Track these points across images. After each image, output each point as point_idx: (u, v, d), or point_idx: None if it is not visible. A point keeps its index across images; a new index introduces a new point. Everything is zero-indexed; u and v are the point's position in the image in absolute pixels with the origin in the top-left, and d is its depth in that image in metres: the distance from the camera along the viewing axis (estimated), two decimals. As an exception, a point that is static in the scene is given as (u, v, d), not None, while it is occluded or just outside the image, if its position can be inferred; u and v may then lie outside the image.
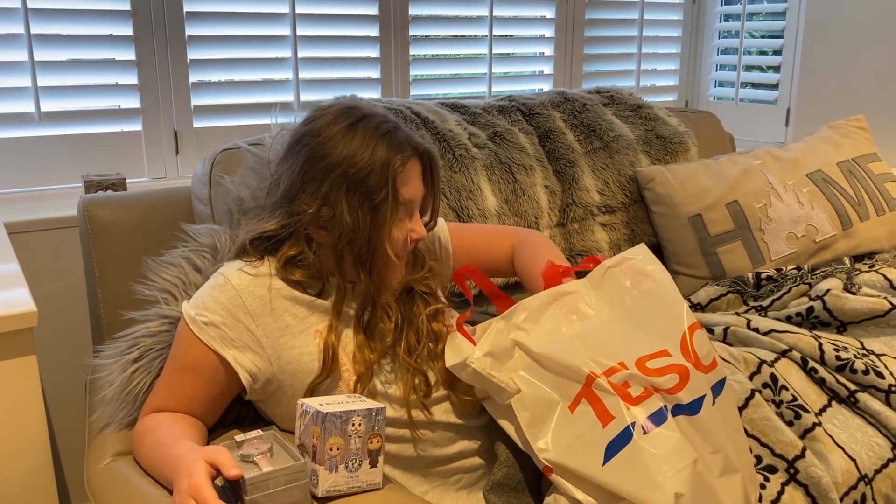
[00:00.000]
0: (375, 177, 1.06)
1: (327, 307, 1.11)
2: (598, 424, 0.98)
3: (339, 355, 1.09)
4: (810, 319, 1.51)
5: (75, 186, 1.74)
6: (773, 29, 2.61)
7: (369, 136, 1.08)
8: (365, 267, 1.09)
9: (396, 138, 1.09)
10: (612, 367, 1.02)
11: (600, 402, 1.00)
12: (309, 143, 1.09)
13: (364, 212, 1.07)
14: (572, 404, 1.01)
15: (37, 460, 1.12)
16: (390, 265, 1.09)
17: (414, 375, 1.11)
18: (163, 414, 1.08)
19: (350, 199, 1.06)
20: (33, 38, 1.66)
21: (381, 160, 1.07)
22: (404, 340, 1.13)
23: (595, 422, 0.99)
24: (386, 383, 1.10)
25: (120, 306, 1.27)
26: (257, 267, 1.10)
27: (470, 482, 1.13)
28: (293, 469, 0.90)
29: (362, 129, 1.09)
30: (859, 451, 1.25)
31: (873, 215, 1.88)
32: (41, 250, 1.61)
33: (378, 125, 1.10)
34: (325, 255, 1.10)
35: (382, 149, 1.07)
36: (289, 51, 1.96)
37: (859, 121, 2.08)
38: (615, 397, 0.99)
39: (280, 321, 1.08)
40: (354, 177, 1.06)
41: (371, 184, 1.06)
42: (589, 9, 2.50)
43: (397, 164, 1.07)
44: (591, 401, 1.00)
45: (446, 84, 2.30)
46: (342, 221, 1.06)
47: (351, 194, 1.07)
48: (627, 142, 1.86)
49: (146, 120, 1.83)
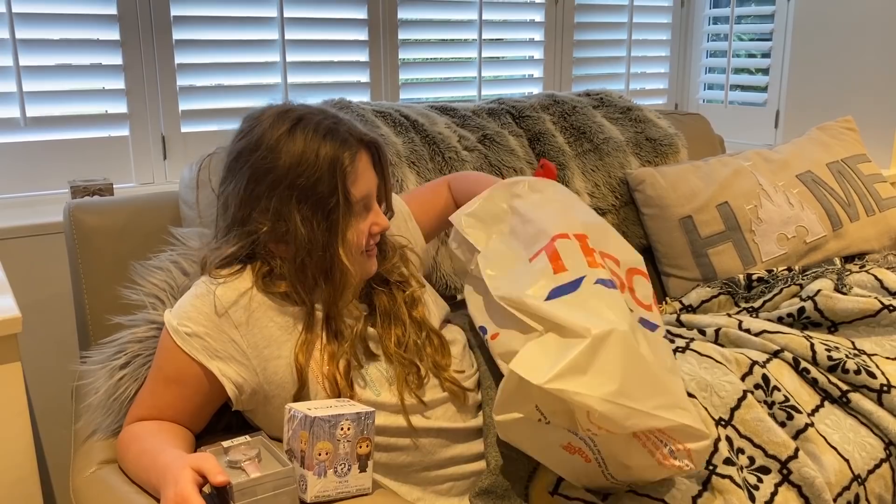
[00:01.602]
0: (324, 182, 1.03)
1: (310, 316, 1.10)
2: (549, 270, 1.07)
3: (309, 371, 1.06)
4: (802, 320, 1.51)
5: (62, 192, 1.73)
6: (761, 31, 2.62)
7: (310, 137, 1.04)
8: (325, 275, 1.07)
9: (339, 135, 1.06)
10: (581, 234, 1.13)
11: (557, 255, 1.09)
12: (249, 160, 1.05)
13: (318, 220, 1.04)
14: (532, 256, 1.11)
15: (22, 469, 1.10)
16: (347, 273, 1.06)
17: (406, 368, 1.10)
18: (148, 422, 1.07)
19: (302, 210, 1.03)
20: (18, 43, 1.65)
21: (327, 163, 1.03)
22: (392, 334, 1.12)
23: (548, 268, 1.07)
24: (377, 390, 1.08)
25: (106, 312, 1.26)
26: (239, 277, 1.09)
27: (461, 490, 1.12)
28: (281, 475, 0.88)
29: (301, 131, 1.05)
30: (852, 452, 1.24)
31: (863, 216, 1.88)
32: (27, 256, 1.59)
33: (317, 124, 1.06)
34: (289, 266, 1.07)
35: (327, 148, 1.04)
36: (277, 55, 1.95)
37: (848, 122, 2.09)
38: (579, 254, 1.08)
39: (265, 331, 1.07)
40: (303, 186, 1.03)
41: (321, 190, 1.03)
42: (578, 12, 2.50)
43: (346, 162, 1.04)
44: (549, 253, 1.09)
45: (436, 87, 2.30)
46: (297, 234, 1.04)
47: (302, 205, 1.04)
48: (617, 144, 1.86)
49: (133, 125, 1.81)
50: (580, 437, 0.99)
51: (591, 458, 1.01)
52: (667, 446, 0.98)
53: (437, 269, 1.52)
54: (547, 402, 0.95)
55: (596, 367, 0.94)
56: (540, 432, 0.99)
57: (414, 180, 1.53)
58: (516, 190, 1.25)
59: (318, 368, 1.07)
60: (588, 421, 0.94)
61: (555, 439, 1.00)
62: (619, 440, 0.97)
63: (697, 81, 2.82)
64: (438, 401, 1.11)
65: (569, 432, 0.98)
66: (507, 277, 1.12)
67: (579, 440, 0.99)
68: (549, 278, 1.06)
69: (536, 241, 1.14)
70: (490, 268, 1.15)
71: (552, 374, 0.92)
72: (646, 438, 0.97)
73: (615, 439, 0.97)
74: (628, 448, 0.98)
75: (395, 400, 1.08)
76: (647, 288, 1.16)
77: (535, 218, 1.18)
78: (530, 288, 1.06)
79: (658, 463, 0.98)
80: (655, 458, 0.98)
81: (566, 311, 1.00)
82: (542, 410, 0.96)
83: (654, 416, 0.95)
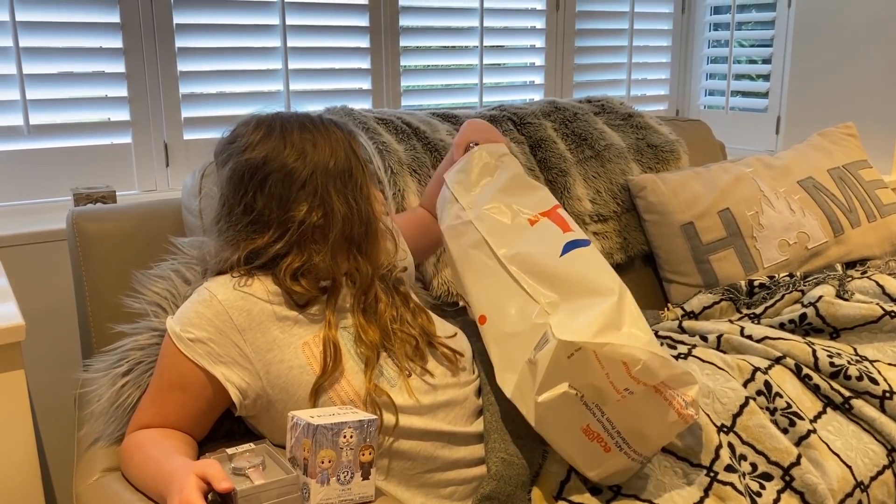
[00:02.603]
0: (349, 161, 1.15)
1: (314, 317, 1.10)
2: (558, 231, 1.14)
3: (340, 348, 1.08)
4: (803, 326, 1.51)
5: (65, 200, 1.73)
6: (762, 38, 2.63)
7: (319, 131, 1.15)
8: (361, 249, 1.14)
9: (331, 121, 1.18)
10: None
11: (562, 219, 1.17)
12: (269, 171, 1.11)
13: (353, 195, 1.14)
14: (532, 219, 1.18)
15: (25, 476, 1.11)
16: (382, 237, 1.19)
17: (405, 343, 1.13)
18: (151, 430, 1.07)
19: (339, 191, 1.13)
20: (22, 52, 1.65)
21: (344, 143, 1.16)
22: (387, 313, 1.16)
23: (555, 229, 1.15)
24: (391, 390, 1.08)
25: (109, 319, 1.26)
26: (244, 282, 1.09)
27: (464, 495, 1.12)
28: (285, 482, 0.89)
29: (304, 130, 1.15)
30: (855, 458, 1.24)
31: (864, 222, 1.89)
32: (30, 264, 1.59)
33: (309, 120, 1.17)
34: (324, 254, 1.12)
35: (336, 133, 1.16)
36: (279, 62, 1.96)
37: (849, 128, 2.09)
38: (574, 221, 1.17)
39: (268, 335, 1.07)
40: (335, 170, 1.13)
41: (349, 167, 1.14)
42: (579, 19, 2.51)
43: (353, 139, 1.18)
44: (553, 218, 1.17)
45: (438, 94, 2.31)
46: (336, 214, 1.12)
47: (339, 185, 1.13)
48: (619, 150, 1.87)
49: (136, 132, 1.82)
50: (598, 420, 1.02)
51: (610, 446, 1.04)
52: (678, 396, 1.04)
53: (437, 274, 1.52)
54: (576, 374, 0.98)
55: (627, 321, 1.01)
56: (568, 413, 1.01)
57: (415, 188, 1.53)
58: (502, 151, 1.34)
59: (345, 350, 1.09)
60: (628, 376, 0.98)
61: (578, 421, 1.02)
62: (644, 400, 1.02)
63: (698, 88, 2.82)
64: (443, 403, 1.11)
65: (589, 413, 1.01)
66: (508, 235, 1.18)
67: (598, 423, 1.02)
68: (560, 237, 1.14)
69: (536, 202, 1.22)
70: (490, 232, 1.19)
71: (594, 330, 0.97)
72: (664, 389, 1.03)
73: (641, 400, 1.01)
74: (651, 407, 1.03)
75: (400, 400, 1.08)
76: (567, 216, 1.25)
77: (529, 182, 1.28)
78: (549, 247, 1.13)
79: (677, 414, 1.04)
80: (675, 408, 1.04)
81: (585, 269, 1.09)
82: (576, 385, 0.99)
83: (672, 363, 1.00)
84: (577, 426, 1.02)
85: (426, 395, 1.10)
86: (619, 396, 0.99)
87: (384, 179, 1.51)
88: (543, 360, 0.98)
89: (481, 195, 1.24)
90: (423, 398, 1.09)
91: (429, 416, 1.09)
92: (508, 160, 1.32)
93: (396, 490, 1.09)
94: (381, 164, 1.53)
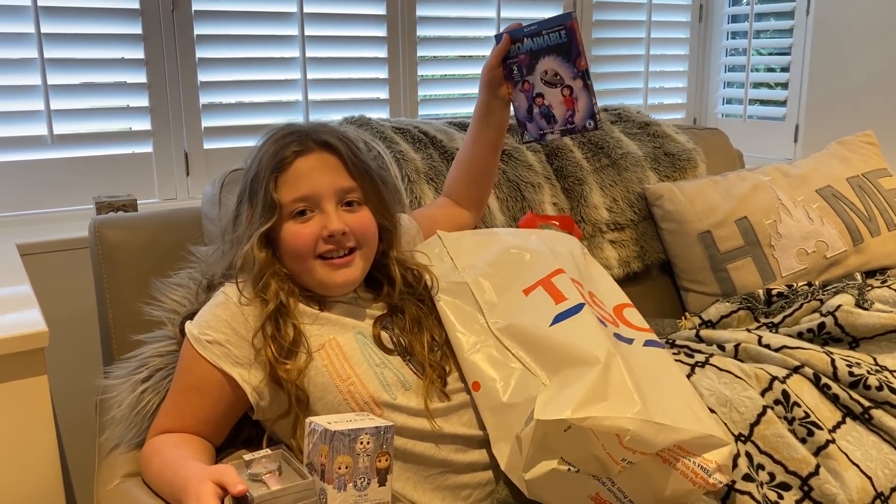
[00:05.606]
0: (259, 179, 1.11)
1: (330, 319, 1.12)
2: (550, 301, 1.10)
3: (356, 350, 1.10)
4: (822, 335, 1.50)
5: (87, 208, 1.75)
6: (780, 46, 2.62)
7: (267, 139, 1.15)
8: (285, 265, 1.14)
9: (294, 136, 1.13)
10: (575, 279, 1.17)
11: (556, 289, 1.12)
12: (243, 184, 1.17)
13: (253, 215, 1.13)
14: (527, 289, 1.14)
15: (47, 480, 1.12)
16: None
17: (422, 346, 1.13)
18: (169, 435, 1.08)
19: (245, 206, 1.14)
20: (46, 63, 1.68)
21: (266, 159, 1.12)
22: (424, 340, 1.14)
23: (548, 299, 1.10)
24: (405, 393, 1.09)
25: (130, 327, 1.28)
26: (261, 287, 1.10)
27: (479, 498, 1.12)
28: (301, 487, 0.89)
29: (268, 136, 1.16)
30: (875, 469, 1.23)
31: (884, 231, 1.87)
32: (53, 271, 1.62)
33: (284, 128, 1.16)
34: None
35: (269, 147, 1.13)
36: (298, 72, 1.98)
37: (868, 136, 2.08)
38: (573, 287, 1.12)
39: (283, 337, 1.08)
40: (248, 182, 1.14)
41: (256, 187, 1.12)
42: (595, 28, 2.52)
43: (283, 158, 1.11)
44: (547, 288, 1.12)
45: (455, 104, 2.31)
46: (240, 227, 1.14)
47: (246, 199, 1.14)
48: (635, 159, 1.87)
49: (157, 142, 1.84)
50: (609, 489, 0.98)
51: None
52: (693, 463, 0.98)
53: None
54: (573, 446, 0.95)
55: (612, 391, 0.95)
56: (569, 485, 0.98)
57: (432, 196, 1.54)
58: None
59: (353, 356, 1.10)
60: (621, 447, 0.93)
61: (584, 490, 0.99)
62: (651, 468, 0.96)
63: (716, 96, 2.81)
64: (459, 406, 1.12)
65: (597, 482, 0.98)
66: (502, 306, 1.15)
67: (608, 492, 0.99)
68: (551, 307, 1.09)
69: (531, 273, 1.17)
70: (483, 294, 1.17)
71: (574, 404, 0.92)
72: (674, 459, 0.97)
73: (648, 469, 0.96)
74: (659, 475, 0.97)
75: (414, 403, 1.08)
76: (638, 315, 1.21)
77: (528, 246, 1.23)
78: (539, 318, 1.09)
79: (691, 483, 0.97)
80: (688, 478, 0.97)
81: (572, 337, 1.03)
82: (569, 459, 0.96)
83: (678, 429, 0.94)
84: (583, 495, 1.00)
85: (441, 399, 1.10)
86: (619, 467, 0.96)
87: (401, 188, 1.51)
88: (526, 438, 0.96)
89: (478, 261, 1.22)
90: (437, 402, 1.10)
91: (442, 419, 1.10)
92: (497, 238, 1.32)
93: (413, 493, 1.09)
94: (399, 173, 1.53)
